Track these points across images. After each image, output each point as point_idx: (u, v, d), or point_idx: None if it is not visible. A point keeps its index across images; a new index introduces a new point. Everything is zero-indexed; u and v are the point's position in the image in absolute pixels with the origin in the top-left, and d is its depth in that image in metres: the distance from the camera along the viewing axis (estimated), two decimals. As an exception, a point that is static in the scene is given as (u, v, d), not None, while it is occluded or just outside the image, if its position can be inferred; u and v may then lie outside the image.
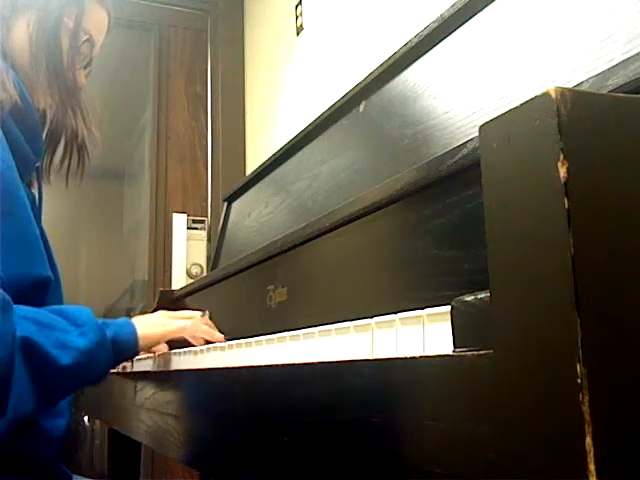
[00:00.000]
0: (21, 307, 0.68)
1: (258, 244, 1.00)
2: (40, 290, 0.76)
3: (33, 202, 0.85)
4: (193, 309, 1.11)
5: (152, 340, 0.89)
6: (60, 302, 0.88)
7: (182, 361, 0.91)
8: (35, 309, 0.71)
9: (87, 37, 0.87)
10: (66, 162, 0.90)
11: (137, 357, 1.07)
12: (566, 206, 0.28)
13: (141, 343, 0.85)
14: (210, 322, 1.03)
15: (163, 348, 1.01)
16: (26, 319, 0.67)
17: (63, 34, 0.84)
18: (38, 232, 0.78)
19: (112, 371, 0.92)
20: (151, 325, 0.90)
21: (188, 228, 2.39)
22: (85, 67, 0.90)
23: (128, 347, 0.83)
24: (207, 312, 1.05)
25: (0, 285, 0.69)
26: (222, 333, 0.98)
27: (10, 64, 0.80)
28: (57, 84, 0.83)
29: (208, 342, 0.95)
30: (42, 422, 0.78)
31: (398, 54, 0.95)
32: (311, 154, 1.18)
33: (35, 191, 0.88)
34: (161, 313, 0.97)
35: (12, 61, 0.81)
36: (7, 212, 0.72)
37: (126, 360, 0.89)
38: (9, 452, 0.71)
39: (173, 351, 0.96)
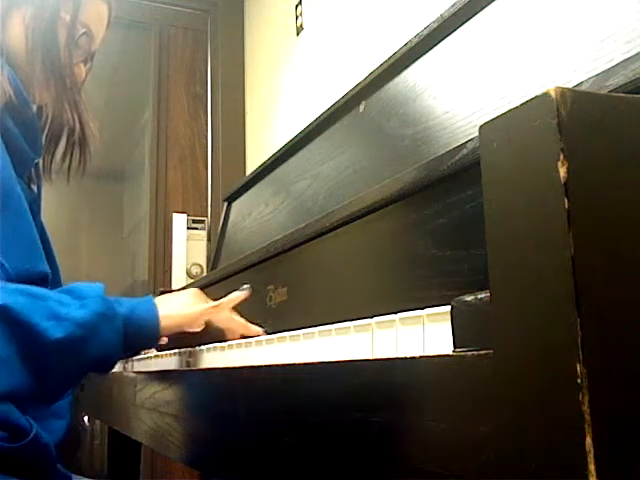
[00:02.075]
0: (17, 284, 0.65)
1: (258, 244, 1.00)
2: (41, 286, 0.75)
3: (32, 199, 0.84)
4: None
5: (177, 321, 0.78)
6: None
7: (182, 361, 0.91)
8: (37, 287, 0.67)
9: (85, 30, 0.86)
10: (67, 159, 0.89)
11: (137, 357, 1.06)
12: (566, 206, 0.28)
13: (163, 323, 0.75)
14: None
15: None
16: (17, 291, 0.63)
17: (60, 28, 0.83)
18: (35, 229, 0.78)
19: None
20: (178, 304, 0.79)
21: (188, 228, 2.39)
22: (85, 62, 0.89)
23: (146, 325, 0.74)
24: (249, 287, 0.87)
25: (5, 276, 0.69)
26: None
27: (5, 60, 0.79)
28: (54, 79, 0.82)
29: (243, 336, 0.83)
30: (41, 424, 0.77)
31: (398, 54, 0.95)
32: (311, 154, 1.18)
33: (34, 188, 0.88)
34: (192, 291, 0.83)
35: (7, 57, 0.80)
36: (4, 209, 0.71)
37: (147, 344, 0.78)
38: (6, 453, 0.71)
39: (173, 351, 0.96)
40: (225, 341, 0.83)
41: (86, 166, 0.89)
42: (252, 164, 2.35)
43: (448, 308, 0.37)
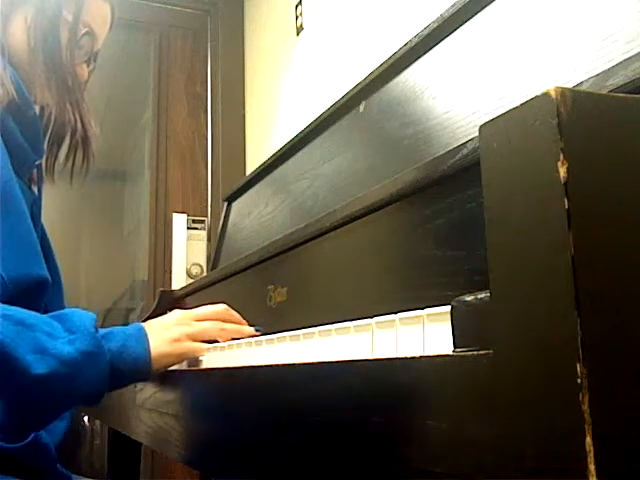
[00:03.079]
0: (8, 307, 0.64)
1: (258, 244, 1.00)
2: (38, 291, 0.74)
3: (33, 201, 0.84)
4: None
5: (171, 360, 0.76)
6: (61, 303, 0.88)
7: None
8: (29, 311, 0.65)
9: (87, 30, 0.86)
10: (71, 160, 0.89)
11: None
12: (566, 206, 0.28)
13: (155, 366, 0.73)
14: (233, 315, 0.86)
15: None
16: (7, 318, 0.62)
17: (62, 28, 0.83)
18: (34, 232, 0.77)
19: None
20: (167, 342, 0.76)
21: (188, 228, 2.39)
22: (88, 62, 0.89)
23: (136, 364, 0.71)
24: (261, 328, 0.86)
25: (0, 284, 0.68)
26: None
27: (7, 60, 0.79)
28: (55, 79, 0.82)
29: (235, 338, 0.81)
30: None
31: (398, 54, 0.95)
32: (311, 154, 1.18)
33: (35, 189, 0.87)
34: (178, 321, 0.79)
35: (9, 56, 0.80)
36: (2, 211, 0.71)
37: (137, 380, 0.77)
38: (6, 453, 0.71)
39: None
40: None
41: (89, 167, 0.89)
42: (252, 164, 2.35)
43: (448, 308, 0.37)
